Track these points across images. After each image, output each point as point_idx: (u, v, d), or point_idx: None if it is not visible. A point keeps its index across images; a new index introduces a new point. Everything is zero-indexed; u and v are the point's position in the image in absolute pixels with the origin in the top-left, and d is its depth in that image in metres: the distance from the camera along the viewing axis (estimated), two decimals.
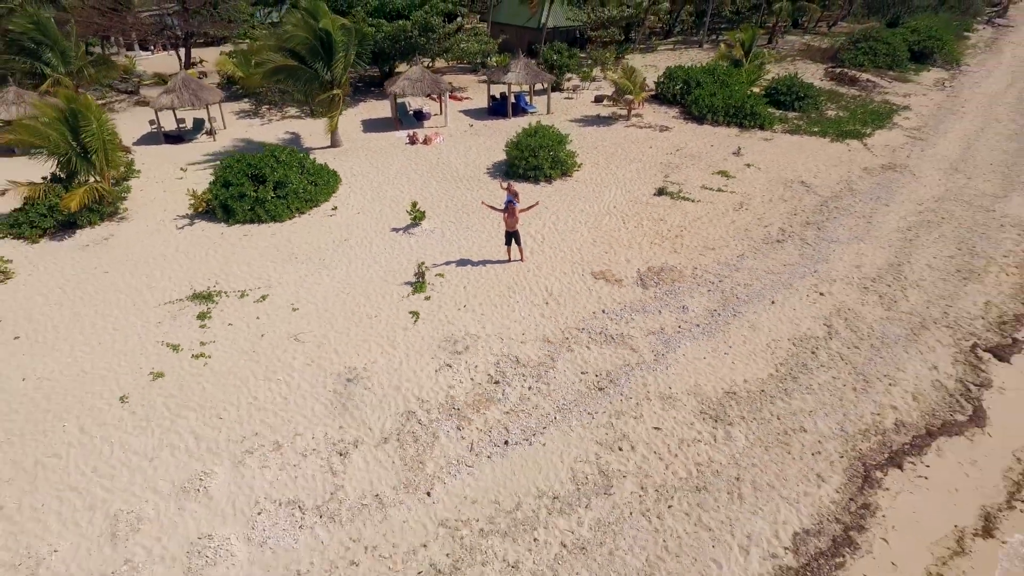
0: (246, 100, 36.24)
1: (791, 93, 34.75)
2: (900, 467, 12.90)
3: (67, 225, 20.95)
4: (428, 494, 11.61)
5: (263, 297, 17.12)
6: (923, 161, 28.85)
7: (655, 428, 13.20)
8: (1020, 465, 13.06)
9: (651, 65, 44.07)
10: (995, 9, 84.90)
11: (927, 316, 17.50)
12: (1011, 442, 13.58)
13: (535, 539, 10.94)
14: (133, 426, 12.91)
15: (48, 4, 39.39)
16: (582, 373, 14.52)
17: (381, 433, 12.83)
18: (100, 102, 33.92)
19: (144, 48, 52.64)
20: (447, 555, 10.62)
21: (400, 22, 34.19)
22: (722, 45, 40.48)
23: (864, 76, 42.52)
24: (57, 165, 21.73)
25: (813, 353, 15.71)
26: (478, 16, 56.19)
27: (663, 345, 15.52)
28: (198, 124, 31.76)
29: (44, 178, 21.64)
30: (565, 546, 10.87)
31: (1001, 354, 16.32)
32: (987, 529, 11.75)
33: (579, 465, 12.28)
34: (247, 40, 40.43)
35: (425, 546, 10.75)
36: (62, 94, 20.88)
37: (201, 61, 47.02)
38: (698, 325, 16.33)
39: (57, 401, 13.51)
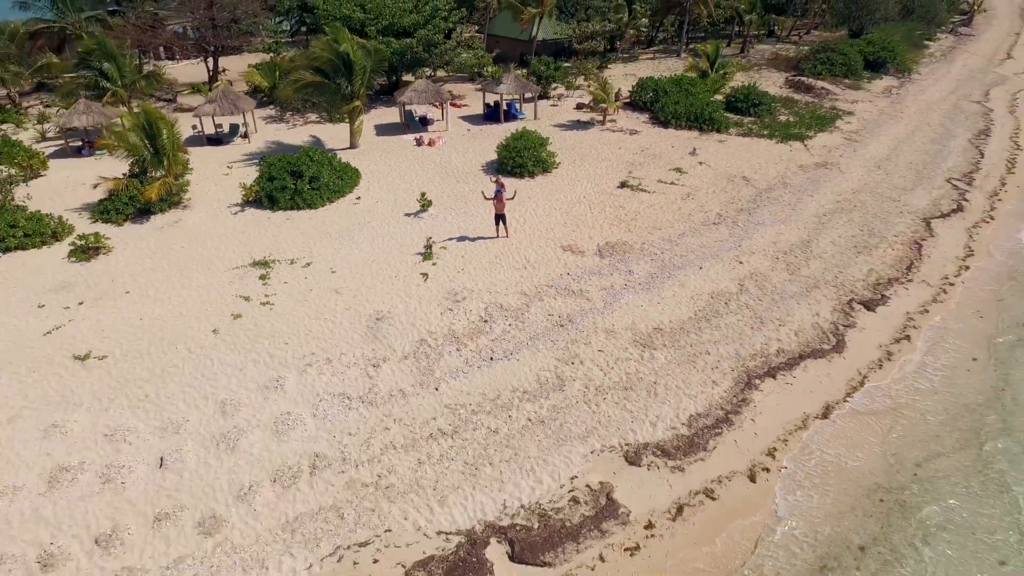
0: (271, 107, 41.26)
1: (748, 100, 39.87)
2: (774, 377, 18.04)
3: (143, 212, 26.05)
4: (436, 389, 16.74)
5: (308, 264, 22.28)
6: (852, 160, 33.95)
7: (599, 351, 18.33)
8: (859, 376, 18.23)
9: (631, 74, 49.08)
10: (962, 18, 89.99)
11: (821, 279, 22.62)
12: (857, 363, 18.75)
13: (509, 415, 16.07)
14: (225, 348, 18.03)
15: (97, 23, 44.62)
16: (549, 315, 19.65)
17: (402, 353, 17.96)
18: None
19: (170, 58, 57.78)
20: (449, 424, 15.75)
21: (407, 40, 39.33)
22: (690, 57, 45.57)
23: (819, 84, 47.58)
24: (133, 164, 26.91)
25: (725, 303, 20.84)
26: (476, 27, 61.34)
27: (611, 297, 20.66)
28: (233, 128, 36.85)
29: (124, 174, 26.79)
30: (530, 420, 16.00)
31: (870, 306, 21.46)
32: (825, 414, 16.91)
33: (542, 373, 17.41)
34: (271, 53, 45.49)
35: (435, 419, 15.88)
36: (144, 107, 26.02)
37: (224, 70, 52.01)
38: (640, 283, 21.46)
39: (168, 332, 18.64)
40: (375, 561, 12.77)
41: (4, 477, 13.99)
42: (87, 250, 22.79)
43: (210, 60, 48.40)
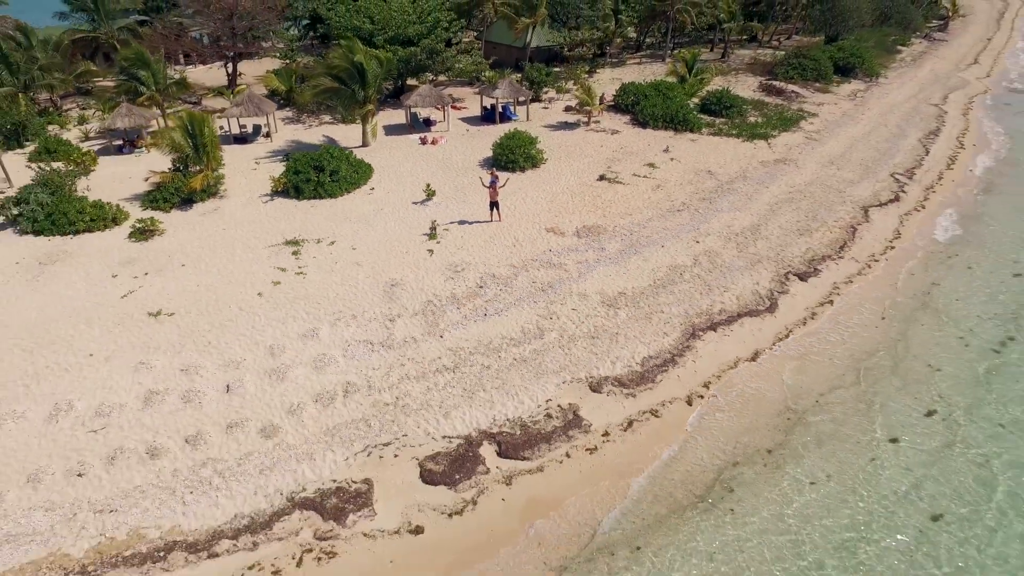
0: (288, 109, 45.37)
1: (720, 103, 44.03)
2: (715, 330, 22.21)
3: (186, 201, 30.19)
4: (441, 336, 20.93)
5: (332, 243, 26.46)
6: (809, 157, 38.09)
7: (572, 309, 22.51)
8: (786, 330, 22.41)
9: (617, 78, 53.12)
10: (939, 23, 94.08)
11: (764, 256, 26.79)
12: (786, 320, 22.95)
13: (499, 356, 20.25)
14: (269, 307, 22.20)
15: (128, 32, 48.78)
16: (532, 282, 23.83)
17: (413, 311, 22.13)
18: (171, 111, 43.05)
19: (189, 63, 61.90)
20: (451, 362, 19.94)
21: (411, 48, 43.48)
22: (670, 63, 49.70)
23: (790, 88, 51.70)
24: (176, 159, 31.07)
25: (680, 274, 25.00)
26: (474, 34, 65.43)
27: (585, 268, 24.83)
28: (256, 128, 40.99)
29: (169, 168, 30.96)
30: (515, 359, 20.17)
31: (803, 277, 25.64)
32: (753, 358, 21.10)
33: (526, 325, 21.59)
34: (287, 60, 49.68)
35: (440, 358, 20.07)
36: (185, 111, 30.16)
37: (240, 74, 56.04)
38: (610, 258, 25.63)
39: (221, 295, 22.81)
40: (395, 456, 16.95)
41: (111, 398, 18.18)
42: (145, 232, 26.96)
43: (229, 65, 52.54)
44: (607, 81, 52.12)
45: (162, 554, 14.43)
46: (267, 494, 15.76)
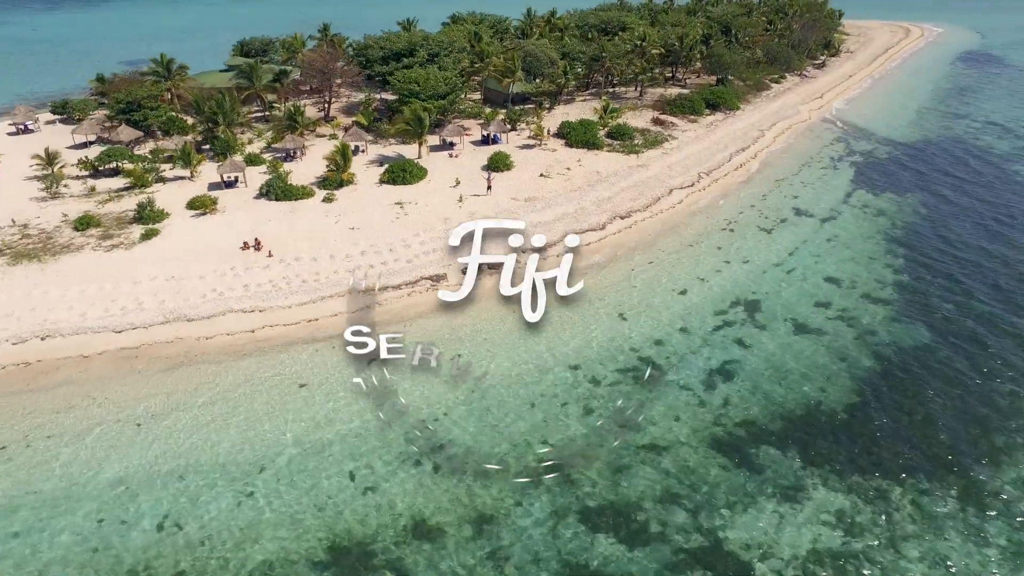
0: (369, 135, 77.86)
1: (619, 132, 76.59)
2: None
3: (339, 185, 62.70)
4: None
5: (415, 203, 59.14)
6: (658, 163, 70.63)
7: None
8: (607, 235, 55.24)
9: (566, 114, 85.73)
10: (818, 62, 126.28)
11: (608, 209, 59.50)
12: (607, 232, 55.81)
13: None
14: (395, 227, 54.90)
15: (269, 87, 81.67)
16: (503, 218, 56.54)
17: (457, 226, 54.84)
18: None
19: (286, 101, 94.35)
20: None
21: (442, 101, 76.10)
22: (594, 106, 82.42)
23: (670, 119, 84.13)
24: (331, 164, 63.75)
25: (566, 215, 57.70)
26: (477, 79, 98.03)
27: (526, 213, 57.52)
28: (356, 148, 73.50)
29: (328, 167, 63.70)
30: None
31: (623, 217, 58.41)
32: (588, 244, 53.97)
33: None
34: (367, 105, 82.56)
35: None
36: (341, 143, 62.85)
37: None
38: (537, 209, 58.35)
39: (374, 222, 55.46)
40: (452, 268, 49.64)
41: (347, 252, 50.79)
42: (329, 199, 59.55)
43: (323, 105, 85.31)
44: (560, 115, 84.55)
45: (381, 287, 47.11)
46: (413, 275, 48.39)
